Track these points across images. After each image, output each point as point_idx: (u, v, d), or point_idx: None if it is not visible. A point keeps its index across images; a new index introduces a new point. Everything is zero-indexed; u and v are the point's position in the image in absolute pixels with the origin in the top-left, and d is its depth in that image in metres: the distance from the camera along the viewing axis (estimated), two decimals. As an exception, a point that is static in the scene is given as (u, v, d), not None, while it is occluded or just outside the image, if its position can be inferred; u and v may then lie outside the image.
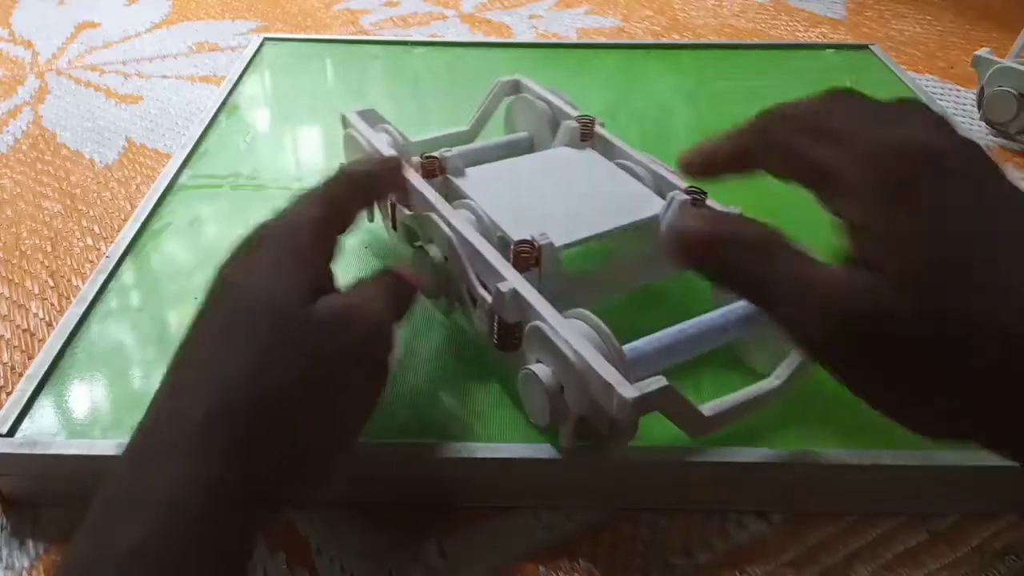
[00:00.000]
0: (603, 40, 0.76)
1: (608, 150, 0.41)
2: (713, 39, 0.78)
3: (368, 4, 0.85)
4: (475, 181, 0.38)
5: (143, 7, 0.83)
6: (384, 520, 0.31)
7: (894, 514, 0.32)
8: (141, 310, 0.38)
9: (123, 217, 0.48)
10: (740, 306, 0.32)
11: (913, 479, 0.31)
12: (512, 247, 0.32)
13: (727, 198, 0.35)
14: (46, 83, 0.66)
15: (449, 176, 0.38)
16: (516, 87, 0.46)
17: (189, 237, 0.44)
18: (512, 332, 0.31)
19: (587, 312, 0.30)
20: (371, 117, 0.42)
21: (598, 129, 0.42)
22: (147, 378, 0.34)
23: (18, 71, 0.69)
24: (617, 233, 0.36)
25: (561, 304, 0.30)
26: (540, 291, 0.31)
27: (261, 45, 0.66)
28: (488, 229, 0.35)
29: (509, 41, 0.75)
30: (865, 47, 0.68)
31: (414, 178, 0.37)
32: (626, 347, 0.29)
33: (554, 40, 0.76)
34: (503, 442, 0.31)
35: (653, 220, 0.36)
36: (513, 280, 0.31)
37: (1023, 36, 0.60)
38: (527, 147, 0.45)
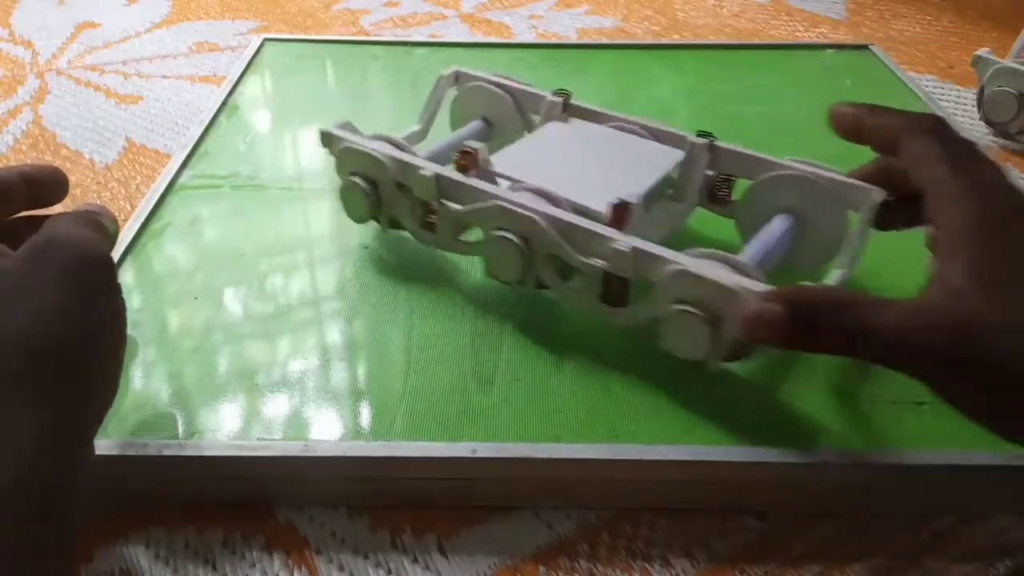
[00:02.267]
0: (603, 40, 0.76)
1: (590, 116, 0.44)
2: (713, 39, 0.78)
3: (368, 4, 0.85)
4: (508, 167, 0.39)
5: (143, 7, 0.83)
6: (384, 520, 0.31)
7: (894, 514, 0.32)
8: (141, 310, 0.38)
9: (123, 217, 0.48)
10: (783, 220, 0.37)
11: (913, 479, 0.31)
12: (610, 208, 0.34)
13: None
14: (46, 83, 0.66)
15: (483, 167, 0.38)
16: (457, 78, 0.47)
17: (189, 237, 0.44)
18: (626, 287, 0.34)
19: (707, 250, 0.32)
20: (352, 128, 0.41)
21: (574, 100, 0.44)
22: (147, 378, 0.35)
23: (18, 71, 0.69)
24: (663, 182, 0.40)
25: None
26: None
27: (261, 45, 0.66)
28: (559, 204, 0.36)
29: (509, 41, 0.75)
30: (865, 47, 0.68)
31: (454, 174, 0.37)
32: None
33: (554, 40, 0.76)
34: (503, 442, 0.31)
35: (682, 165, 0.41)
36: (624, 239, 0.33)
37: (1023, 36, 0.60)
38: (488, 133, 0.46)
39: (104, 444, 0.31)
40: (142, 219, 0.44)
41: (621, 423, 0.32)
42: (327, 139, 0.41)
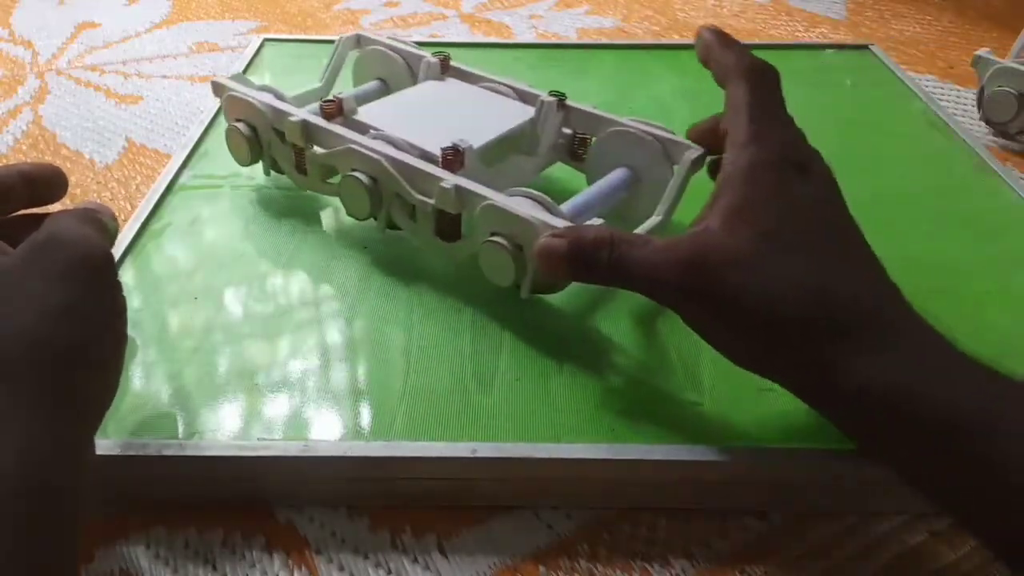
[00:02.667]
0: (603, 40, 0.76)
1: (466, 77, 0.48)
2: (713, 39, 0.77)
3: (368, 4, 0.85)
4: (371, 116, 0.43)
5: (143, 7, 0.83)
6: (384, 520, 0.31)
7: (894, 514, 0.32)
8: (141, 310, 0.38)
9: (123, 217, 0.48)
10: (618, 173, 0.41)
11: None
12: (441, 152, 0.38)
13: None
14: (46, 83, 0.66)
15: (347, 115, 0.43)
16: (358, 41, 0.51)
17: (189, 237, 0.44)
18: (454, 223, 0.38)
19: (523, 188, 0.36)
20: (244, 81, 0.45)
21: (453, 62, 0.48)
22: (147, 378, 0.35)
23: (18, 71, 0.69)
24: (509, 135, 0.43)
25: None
26: None
27: (261, 45, 0.66)
28: (405, 150, 0.39)
29: (509, 41, 0.75)
30: (865, 47, 0.68)
31: (320, 120, 0.41)
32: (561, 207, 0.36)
33: (554, 40, 0.76)
34: (503, 442, 0.31)
35: (532, 121, 0.44)
36: (451, 178, 0.37)
37: (1023, 36, 0.60)
38: (385, 92, 0.50)
39: (104, 444, 0.31)
40: (142, 219, 0.44)
41: (621, 423, 0.32)
42: (217, 88, 0.45)
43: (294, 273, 0.41)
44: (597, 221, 0.35)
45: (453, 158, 0.38)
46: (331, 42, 0.68)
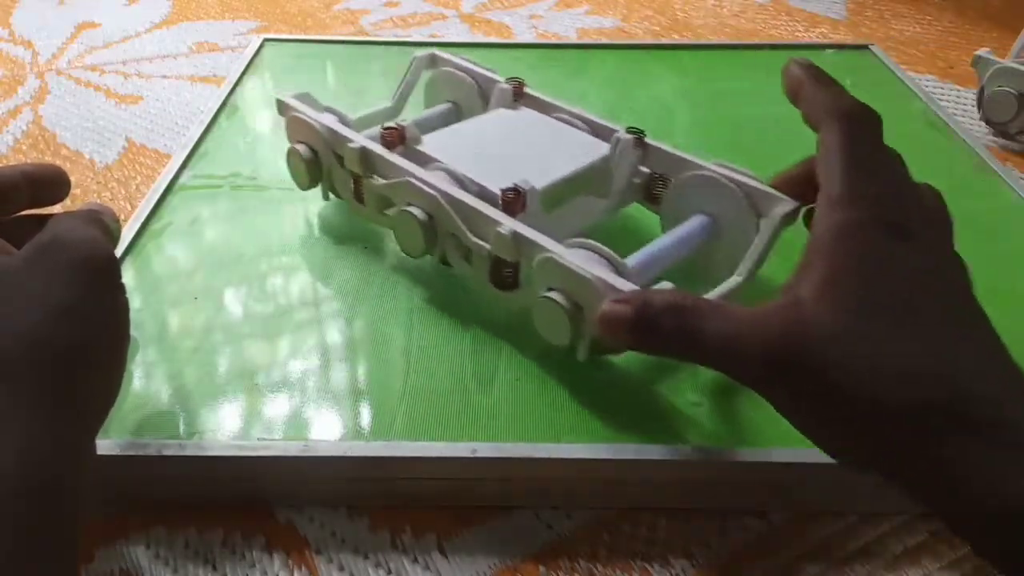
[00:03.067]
0: (603, 40, 0.76)
1: (540, 107, 0.45)
2: (713, 39, 0.78)
3: (368, 4, 0.85)
4: (435, 146, 0.40)
5: (143, 7, 0.83)
6: (384, 520, 0.31)
7: (894, 514, 0.32)
8: (141, 310, 0.38)
9: (123, 217, 0.48)
10: (695, 222, 0.37)
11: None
12: (501, 193, 0.36)
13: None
14: (46, 83, 0.66)
15: (409, 144, 0.40)
16: (433, 60, 0.49)
17: (189, 237, 0.44)
18: (511, 271, 0.35)
19: (587, 240, 0.33)
20: (309, 100, 0.44)
21: (527, 89, 0.45)
22: (148, 378, 0.35)
23: (18, 71, 0.69)
24: (579, 174, 0.40)
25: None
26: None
27: (261, 46, 0.66)
28: (465, 186, 0.37)
29: (509, 41, 0.75)
30: (865, 47, 0.68)
31: (379, 149, 0.39)
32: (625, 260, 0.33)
33: (554, 40, 0.76)
34: (503, 442, 0.31)
35: (606, 159, 0.41)
36: (509, 223, 0.34)
37: (1023, 36, 0.60)
38: (456, 116, 0.48)
39: (104, 444, 0.31)
40: (142, 219, 0.44)
41: (621, 423, 0.32)
42: (281, 107, 0.44)
43: (294, 273, 0.41)
44: (667, 285, 0.31)
45: (514, 200, 0.35)
46: (331, 42, 0.69)
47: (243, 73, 0.62)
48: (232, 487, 0.32)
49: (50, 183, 0.32)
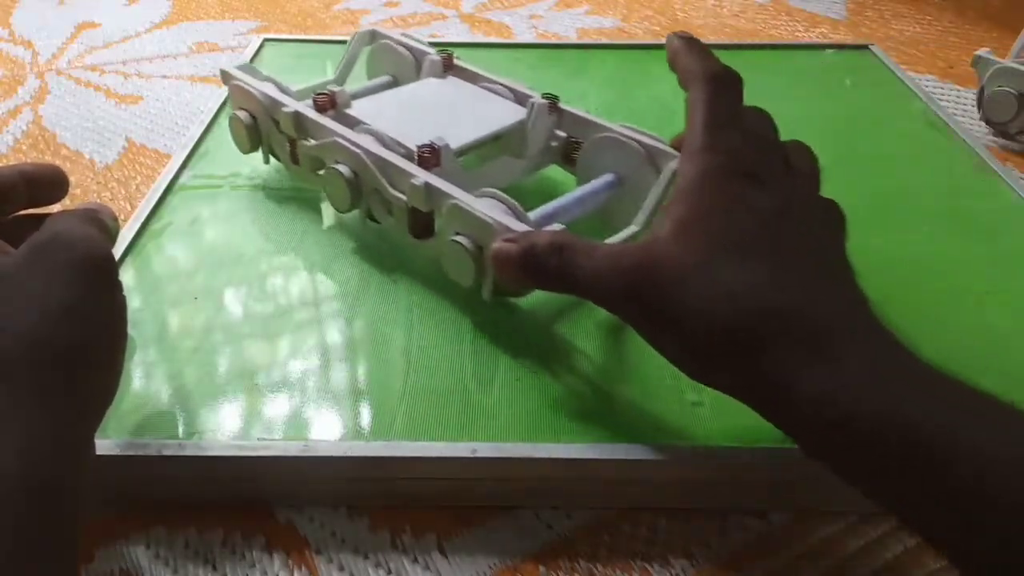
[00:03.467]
0: (603, 40, 0.76)
1: (468, 77, 0.48)
2: (713, 39, 0.78)
3: (368, 4, 0.85)
4: (363, 110, 0.44)
5: (143, 7, 0.83)
6: (384, 520, 0.31)
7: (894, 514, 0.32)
8: (141, 310, 0.38)
9: (123, 217, 0.48)
10: (601, 180, 0.40)
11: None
12: (416, 150, 0.38)
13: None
14: (46, 83, 0.66)
15: (340, 108, 0.43)
16: (373, 36, 0.52)
17: (189, 237, 0.44)
18: (427, 221, 0.39)
19: (492, 190, 0.36)
20: (251, 71, 0.47)
21: (456, 60, 0.49)
22: (147, 378, 0.35)
23: (18, 71, 0.69)
24: (493, 137, 0.43)
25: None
26: None
27: (261, 46, 0.66)
28: (388, 145, 0.40)
29: (509, 41, 0.75)
30: (865, 47, 0.68)
31: (312, 113, 0.42)
32: (529, 214, 0.36)
33: (554, 40, 0.76)
34: (503, 442, 0.31)
35: (522, 123, 0.43)
36: (423, 175, 0.37)
37: (1023, 36, 0.60)
38: (393, 87, 0.50)
39: (104, 444, 0.31)
40: (142, 219, 0.44)
41: (621, 423, 0.32)
42: (225, 76, 0.47)
43: (294, 273, 0.41)
44: (558, 227, 0.34)
45: (429, 156, 0.38)
46: (331, 42, 0.69)
47: (243, 73, 0.62)
48: (232, 487, 0.32)
49: (48, 183, 0.32)
